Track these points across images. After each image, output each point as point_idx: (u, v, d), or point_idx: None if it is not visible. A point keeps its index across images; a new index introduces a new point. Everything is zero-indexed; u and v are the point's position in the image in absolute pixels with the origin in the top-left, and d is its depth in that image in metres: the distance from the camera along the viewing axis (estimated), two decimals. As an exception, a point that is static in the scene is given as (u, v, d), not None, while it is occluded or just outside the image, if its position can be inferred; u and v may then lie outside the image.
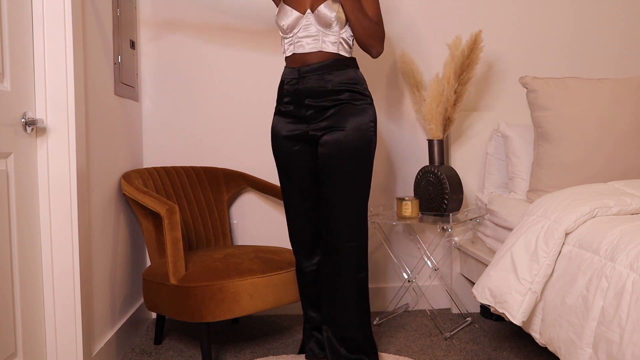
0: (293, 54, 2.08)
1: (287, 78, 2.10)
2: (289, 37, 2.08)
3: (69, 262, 1.86)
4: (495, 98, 3.00)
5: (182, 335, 2.57)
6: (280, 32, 2.11)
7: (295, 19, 2.04)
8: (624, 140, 2.36)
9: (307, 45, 2.05)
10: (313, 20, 2.04)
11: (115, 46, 2.37)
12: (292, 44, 2.08)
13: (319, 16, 2.01)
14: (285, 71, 2.12)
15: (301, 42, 2.05)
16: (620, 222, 1.70)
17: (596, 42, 3.04)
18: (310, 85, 2.04)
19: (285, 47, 2.11)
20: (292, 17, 2.04)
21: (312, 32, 2.04)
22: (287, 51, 2.10)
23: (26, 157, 1.76)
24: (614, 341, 1.45)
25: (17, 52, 1.71)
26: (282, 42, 2.14)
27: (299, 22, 2.05)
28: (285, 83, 2.11)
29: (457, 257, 2.85)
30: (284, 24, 2.06)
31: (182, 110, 2.83)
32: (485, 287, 1.94)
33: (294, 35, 2.06)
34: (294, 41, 2.07)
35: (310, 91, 2.04)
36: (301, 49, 2.05)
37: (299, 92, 2.06)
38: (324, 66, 2.04)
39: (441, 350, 2.36)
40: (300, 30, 2.05)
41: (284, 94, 2.11)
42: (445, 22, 2.90)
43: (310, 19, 2.04)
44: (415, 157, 2.94)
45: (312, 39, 2.04)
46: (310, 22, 2.04)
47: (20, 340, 1.70)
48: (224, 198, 2.76)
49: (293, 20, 2.04)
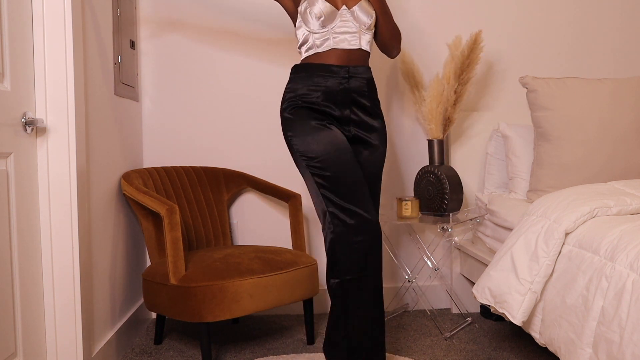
0: (332, 49, 2.01)
1: (325, 75, 2.01)
2: (324, 31, 2.00)
3: (69, 262, 1.86)
4: (495, 98, 3.00)
5: (182, 335, 2.57)
6: (308, 26, 2.01)
7: (332, 13, 1.99)
8: (624, 140, 2.36)
9: (349, 41, 2.01)
10: (350, 17, 2.00)
11: (115, 46, 2.37)
12: (328, 39, 2.00)
13: (358, 13, 2.00)
14: (315, 68, 2.03)
15: (340, 37, 2.00)
16: (620, 222, 1.70)
17: (596, 42, 3.04)
18: (358, 85, 2.04)
19: (315, 42, 2.02)
20: (329, 11, 1.98)
21: (351, 28, 2.00)
22: (322, 47, 2.01)
23: (26, 157, 1.76)
24: (614, 341, 1.45)
25: (17, 52, 1.71)
26: (307, 37, 2.04)
27: (336, 16, 1.99)
28: (322, 80, 2.01)
29: (457, 257, 2.85)
30: (319, 15, 1.97)
31: (182, 110, 2.83)
32: (485, 287, 1.94)
33: (330, 30, 2.00)
34: (330, 36, 2.00)
35: (360, 92, 2.05)
36: (343, 44, 2.00)
37: (347, 92, 2.02)
38: (368, 69, 2.08)
39: (441, 350, 2.36)
40: (337, 26, 2.00)
41: (320, 92, 2.01)
42: (445, 22, 2.90)
43: (347, 16, 2.00)
44: (415, 157, 2.94)
45: (351, 35, 2.01)
46: (348, 19, 2.00)
47: (20, 340, 1.70)
48: (224, 198, 2.76)
49: (330, 14, 1.98)
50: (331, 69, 2.02)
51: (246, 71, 2.84)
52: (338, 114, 2.05)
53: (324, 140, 1.97)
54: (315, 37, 2.03)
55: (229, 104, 2.84)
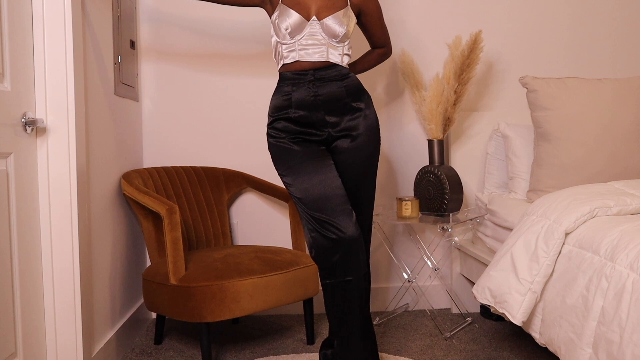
0: (296, 61, 1.97)
1: (294, 84, 1.99)
2: (290, 42, 1.96)
3: (69, 262, 1.86)
4: (495, 98, 3.00)
5: (182, 335, 2.57)
6: (278, 37, 1.98)
7: (300, 24, 1.94)
8: (624, 140, 2.35)
9: (314, 55, 1.96)
10: (319, 29, 1.95)
11: (115, 46, 2.37)
12: (293, 51, 1.96)
13: (327, 27, 1.95)
14: (288, 76, 2.00)
15: (307, 50, 1.96)
16: (620, 222, 1.70)
17: (596, 42, 3.04)
18: (328, 90, 1.98)
19: (283, 54, 1.99)
20: (296, 21, 1.93)
21: (318, 40, 1.96)
22: (288, 58, 1.98)
23: (26, 157, 1.76)
24: (614, 341, 1.45)
25: (17, 52, 1.71)
26: (276, 48, 2.02)
27: (303, 27, 1.95)
28: (292, 90, 1.99)
29: (457, 257, 2.85)
30: (286, 27, 1.93)
31: (182, 110, 2.83)
32: (485, 287, 1.94)
33: (297, 41, 1.96)
34: (296, 48, 1.96)
35: (330, 96, 1.98)
36: (307, 57, 1.96)
37: (317, 97, 1.98)
38: (338, 75, 1.99)
39: (441, 350, 2.36)
40: (304, 37, 1.95)
41: (292, 102, 1.98)
42: (445, 22, 2.90)
43: (315, 27, 1.95)
44: (415, 157, 2.94)
45: (318, 48, 1.96)
46: (316, 30, 1.95)
47: (20, 340, 1.70)
48: (224, 198, 2.76)
49: (297, 25, 1.93)
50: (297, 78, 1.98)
51: (246, 71, 2.84)
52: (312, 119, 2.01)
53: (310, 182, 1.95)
54: (283, 49, 1.99)
55: (229, 104, 2.84)
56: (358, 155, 2.03)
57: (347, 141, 2.02)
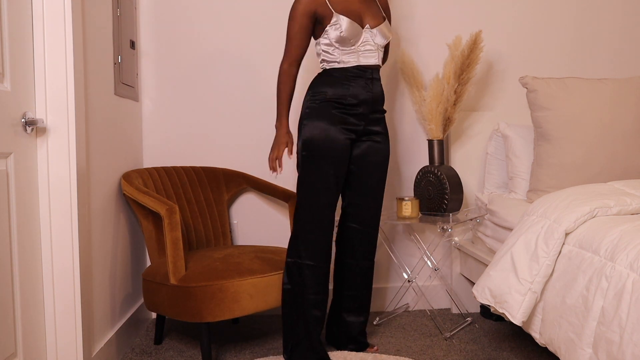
0: (358, 65, 2.18)
1: (354, 77, 2.18)
2: (351, 48, 2.16)
3: (69, 262, 1.86)
4: (495, 98, 3.00)
5: (182, 335, 2.57)
6: (337, 42, 2.15)
7: (358, 31, 2.15)
8: (624, 140, 2.36)
9: (371, 58, 2.20)
10: (371, 36, 2.18)
11: (115, 46, 2.37)
12: (354, 55, 2.17)
13: (379, 35, 2.19)
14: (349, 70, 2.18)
15: (365, 54, 2.18)
16: (620, 222, 1.70)
17: (596, 42, 3.04)
18: (378, 90, 2.24)
19: (341, 58, 2.17)
20: (355, 29, 2.13)
21: (372, 46, 2.19)
22: (349, 62, 2.17)
23: (26, 157, 1.76)
24: (614, 341, 1.45)
25: (17, 52, 1.71)
26: (330, 52, 2.18)
27: (360, 34, 2.16)
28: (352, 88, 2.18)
29: (457, 257, 2.85)
30: (346, 35, 2.12)
31: (182, 110, 2.83)
32: (485, 287, 1.94)
33: (356, 47, 2.16)
34: (357, 52, 2.17)
35: (379, 97, 2.24)
36: (365, 61, 2.18)
37: (373, 97, 2.22)
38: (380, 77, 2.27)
39: (441, 350, 2.36)
40: (362, 44, 2.17)
41: (349, 100, 2.18)
42: (445, 22, 2.90)
43: (369, 34, 2.18)
44: (415, 157, 2.94)
45: (373, 52, 2.20)
46: (370, 37, 2.18)
47: (20, 340, 1.70)
48: (224, 198, 2.76)
49: (356, 32, 2.14)
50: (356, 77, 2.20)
51: (246, 71, 2.84)
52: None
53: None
54: (342, 54, 2.18)
55: (229, 103, 2.84)
56: (385, 155, 2.31)
57: (378, 139, 2.27)
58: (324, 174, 2.14)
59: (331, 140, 2.13)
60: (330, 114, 2.15)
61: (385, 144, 2.30)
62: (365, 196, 2.29)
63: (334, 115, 2.15)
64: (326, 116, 2.15)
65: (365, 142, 2.25)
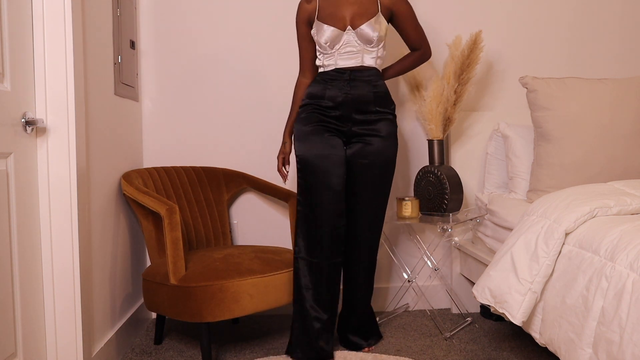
0: (336, 67, 2.19)
1: (332, 79, 2.20)
2: (330, 52, 2.19)
3: (69, 262, 1.86)
4: (495, 98, 3.00)
5: (182, 335, 2.57)
6: (321, 48, 2.20)
7: (336, 36, 2.16)
8: (624, 141, 2.35)
9: (350, 60, 2.19)
10: (354, 37, 2.17)
11: (115, 46, 2.37)
12: (333, 58, 2.19)
13: (362, 35, 2.15)
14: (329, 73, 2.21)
15: (344, 56, 2.19)
16: (620, 222, 1.70)
17: (596, 42, 3.04)
18: (362, 92, 2.20)
19: (324, 62, 2.22)
20: (333, 34, 2.15)
21: (354, 47, 2.18)
22: (329, 66, 2.21)
23: (26, 157, 1.76)
24: (614, 341, 1.45)
25: (17, 52, 1.71)
26: (319, 57, 2.24)
27: (340, 38, 2.17)
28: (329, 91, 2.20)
29: (457, 257, 2.85)
30: (325, 40, 2.16)
31: (182, 110, 2.83)
32: (485, 287, 1.94)
33: (335, 51, 2.18)
34: (335, 56, 2.19)
35: (364, 98, 2.21)
36: (344, 63, 2.19)
37: (352, 98, 2.20)
38: (371, 77, 2.22)
39: (441, 350, 2.36)
40: (342, 46, 2.18)
41: (326, 103, 2.20)
42: (445, 22, 2.90)
43: (351, 36, 2.17)
44: (415, 157, 2.94)
45: (354, 54, 2.18)
46: (352, 38, 2.17)
47: (20, 340, 1.70)
48: (224, 198, 2.76)
49: (334, 37, 2.16)
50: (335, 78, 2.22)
51: (246, 71, 2.84)
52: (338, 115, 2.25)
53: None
54: (324, 59, 2.22)
55: (229, 103, 2.84)
56: (377, 157, 2.23)
57: (370, 140, 2.22)
58: (321, 179, 2.17)
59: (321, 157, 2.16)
60: (314, 117, 2.21)
61: (381, 144, 2.22)
62: (357, 197, 2.27)
63: (318, 118, 2.21)
64: (311, 120, 2.20)
65: (356, 144, 2.24)
